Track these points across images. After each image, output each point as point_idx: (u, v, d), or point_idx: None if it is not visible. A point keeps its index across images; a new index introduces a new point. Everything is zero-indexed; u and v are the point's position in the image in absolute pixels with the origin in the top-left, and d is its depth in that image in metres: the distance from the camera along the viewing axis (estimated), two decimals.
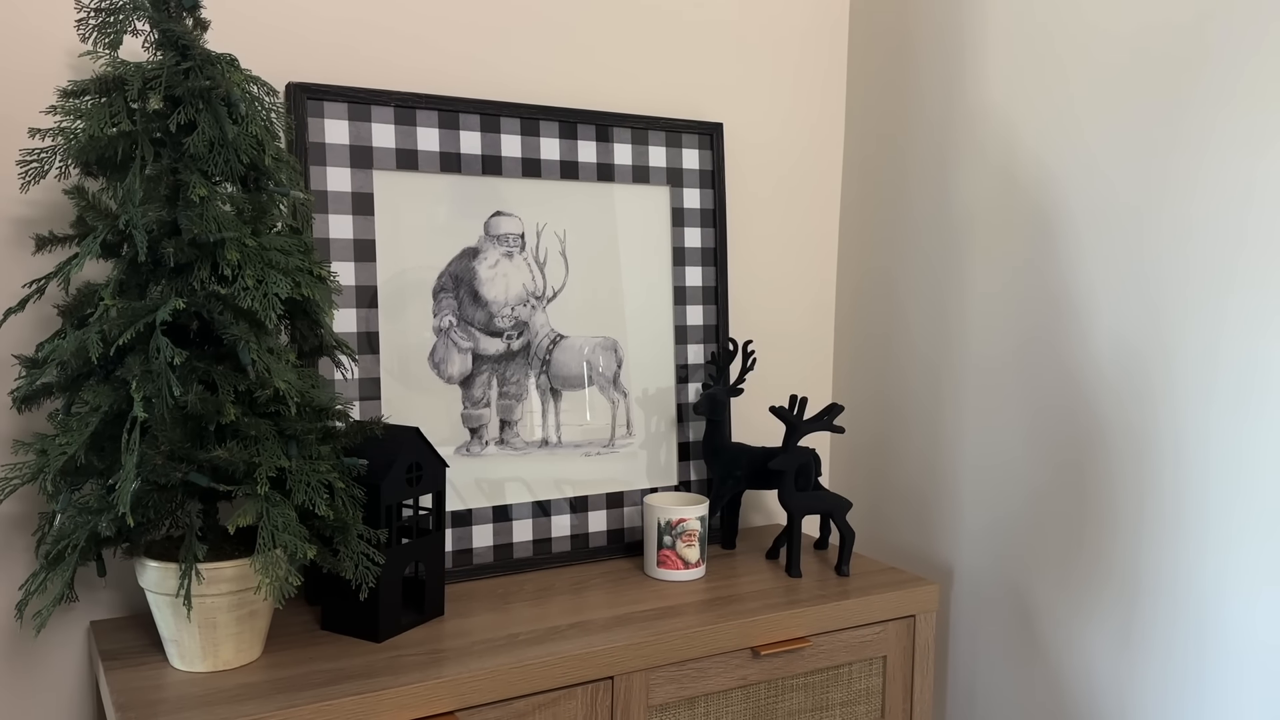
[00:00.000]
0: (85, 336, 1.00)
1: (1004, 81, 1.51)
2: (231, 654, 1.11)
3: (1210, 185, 1.24)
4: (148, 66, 1.04)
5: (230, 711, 1.01)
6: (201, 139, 1.03)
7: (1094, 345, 1.39)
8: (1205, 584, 1.27)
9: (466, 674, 1.11)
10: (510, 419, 1.47)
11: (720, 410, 1.53)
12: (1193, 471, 1.27)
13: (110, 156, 1.05)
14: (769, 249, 1.77)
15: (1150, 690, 1.33)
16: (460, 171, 1.43)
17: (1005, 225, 1.52)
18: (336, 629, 1.21)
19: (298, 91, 1.32)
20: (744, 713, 1.31)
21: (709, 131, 1.63)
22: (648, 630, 1.24)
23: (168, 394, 0.99)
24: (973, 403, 1.58)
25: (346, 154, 1.35)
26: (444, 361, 1.43)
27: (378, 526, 1.17)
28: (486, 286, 1.46)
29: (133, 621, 1.26)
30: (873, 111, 1.75)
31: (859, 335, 1.80)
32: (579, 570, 1.48)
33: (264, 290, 1.02)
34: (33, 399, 1.09)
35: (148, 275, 1.07)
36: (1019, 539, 1.51)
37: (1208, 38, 1.24)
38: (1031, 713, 1.49)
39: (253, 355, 1.02)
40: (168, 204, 1.05)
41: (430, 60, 1.46)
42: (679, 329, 1.61)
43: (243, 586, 1.08)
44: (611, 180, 1.55)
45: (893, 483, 1.73)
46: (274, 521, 1.02)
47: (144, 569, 1.08)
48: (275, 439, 1.05)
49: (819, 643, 1.35)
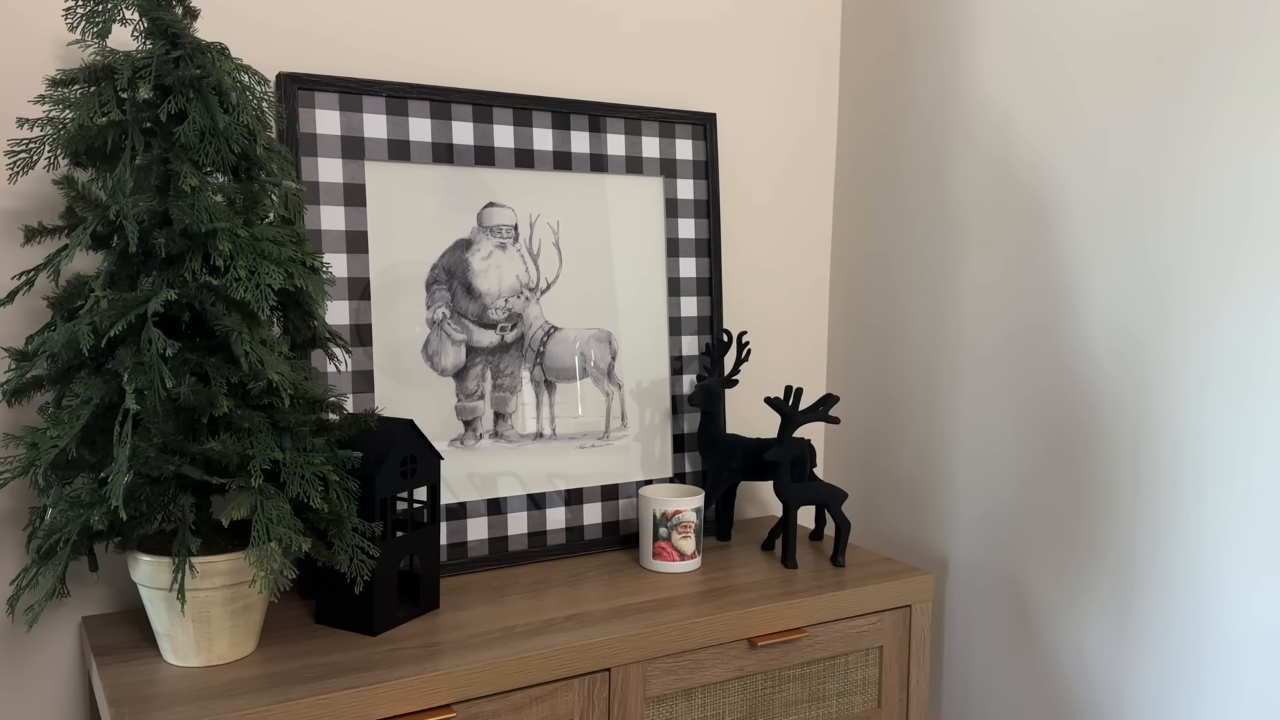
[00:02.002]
0: (76, 328, 0.99)
1: (998, 70, 1.50)
2: (225, 648, 1.10)
3: (1208, 174, 1.24)
4: (137, 55, 1.03)
5: (224, 706, 1.00)
6: (192, 128, 1.02)
7: (1090, 334, 1.39)
8: (1202, 573, 1.27)
9: (463, 667, 1.10)
10: (504, 411, 1.46)
11: (715, 402, 1.52)
12: (1189, 460, 1.27)
13: (100, 146, 1.04)
14: (763, 240, 1.76)
15: (1146, 679, 1.33)
16: (452, 162, 1.42)
17: (1000, 214, 1.51)
18: (331, 623, 1.21)
19: (288, 81, 1.31)
20: (741, 704, 1.30)
21: (702, 122, 1.62)
22: (644, 622, 1.23)
23: (160, 386, 0.98)
24: (967, 393, 1.58)
25: (338, 145, 1.34)
26: (438, 354, 1.42)
27: (372, 519, 1.16)
28: (480, 278, 1.45)
29: (125, 617, 1.25)
30: (866, 102, 1.75)
31: (853, 326, 1.79)
32: (574, 563, 1.47)
33: (257, 281, 1.01)
34: (23, 392, 1.07)
35: (138, 266, 1.05)
36: (1014, 529, 1.51)
37: (1204, 25, 1.24)
38: (1027, 702, 1.50)
39: (245, 347, 1.01)
40: (158, 194, 1.04)
41: (421, 50, 1.44)
42: (673, 320, 1.60)
43: (237, 580, 1.08)
44: (605, 171, 1.54)
45: (887, 473, 1.73)
46: (269, 514, 1.01)
47: (137, 563, 1.07)
48: (269, 431, 1.04)
49: (815, 633, 1.34)
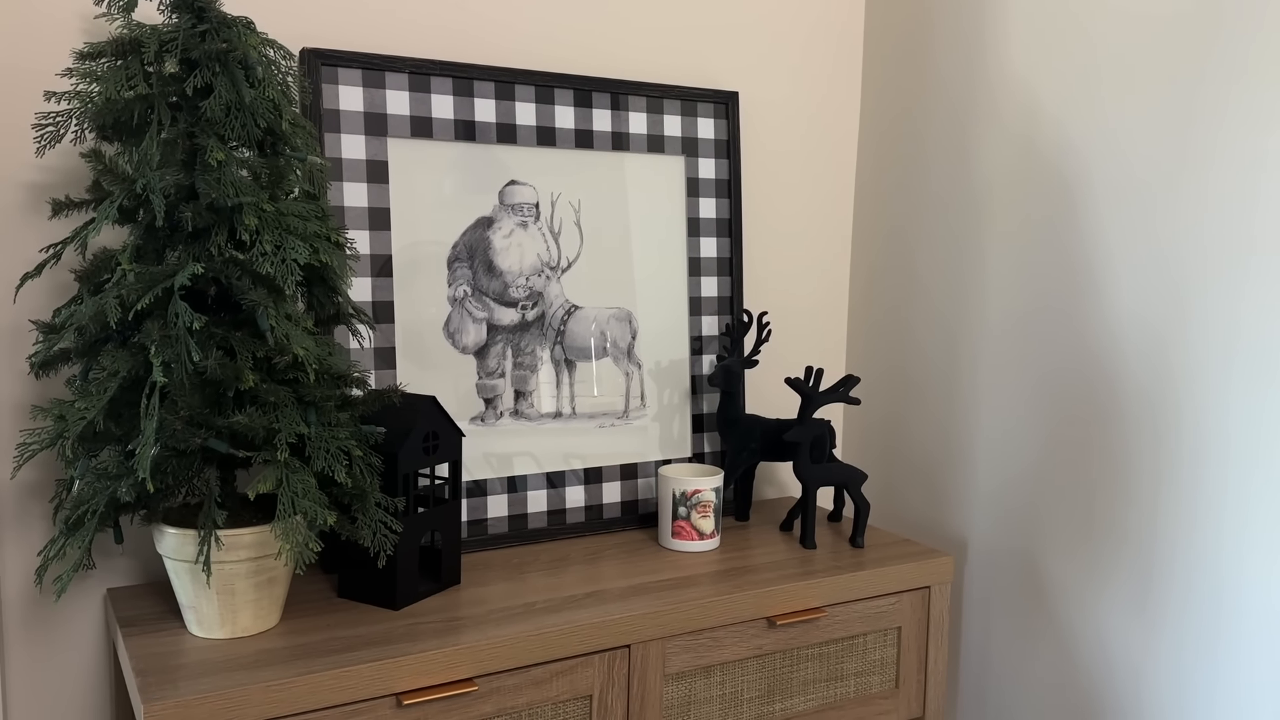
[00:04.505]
0: (103, 301, 0.99)
1: (1026, 48, 1.49)
2: (250, 620, 1.11)
3: (1228, 159, 1.23)
4: (164, 29, 1.03)
5: (249, 677, 1.01)
6: (218, 102, 1.02)
7: (1112, 316, 1.38)
8: (1221, 555, 1.26)
9: (485, 641, 1.11)
10: (525, 390, 1.47)
11: (735, 382, 1.52)
12: (1211, 443, 1.27)
13: (126, 120, 1.04)
14: (784, 220, 1.76)
15: (1165, 661, 1.33)
16: (475, 140, 1.42)
17: (1024, 195, 1.50)
18: (353, 597, 1.21)
19: (312, 57, 1.30)
20: (759, 682, 1.31)
21: (724, 100, 1.61)
22: (664, 600, 1.24)
23: (187, 359, 0.98)
24: (988, 375, 1.57)
25: (361, 121, 1.34)
26: (459, 331, 1.42)
27: (395, 495, 1.16)
28: (501, 256, 1.45)
29: (149, 589, 1.26)
30: (889, 80, 1.74)
31: (874, 307, 1.79)
32: (593, 541, 1.47)
33: (282, 256, 1.02)
34: (50, 364, 1.08)
35: (164, 240, 1.06)
36: (1033, 512, 1.50)
37: (1233, 8, 1.22)
38: (1045, 684, 1.50)
39: (271, 321, 1.02)
40: (184, 168, 1.04)
41: (444, 26, 1.44)
42: (693, 300, 1.60)
43: (261, 553, 1.08)
44: (626, 150, 1.54)
45: (907, 455, 1.73)
46: (294, 488, 1.02)
47: (162, 535, 1.08)
48: (294, 405, 1.04)
49: (834, 613, 1.35)
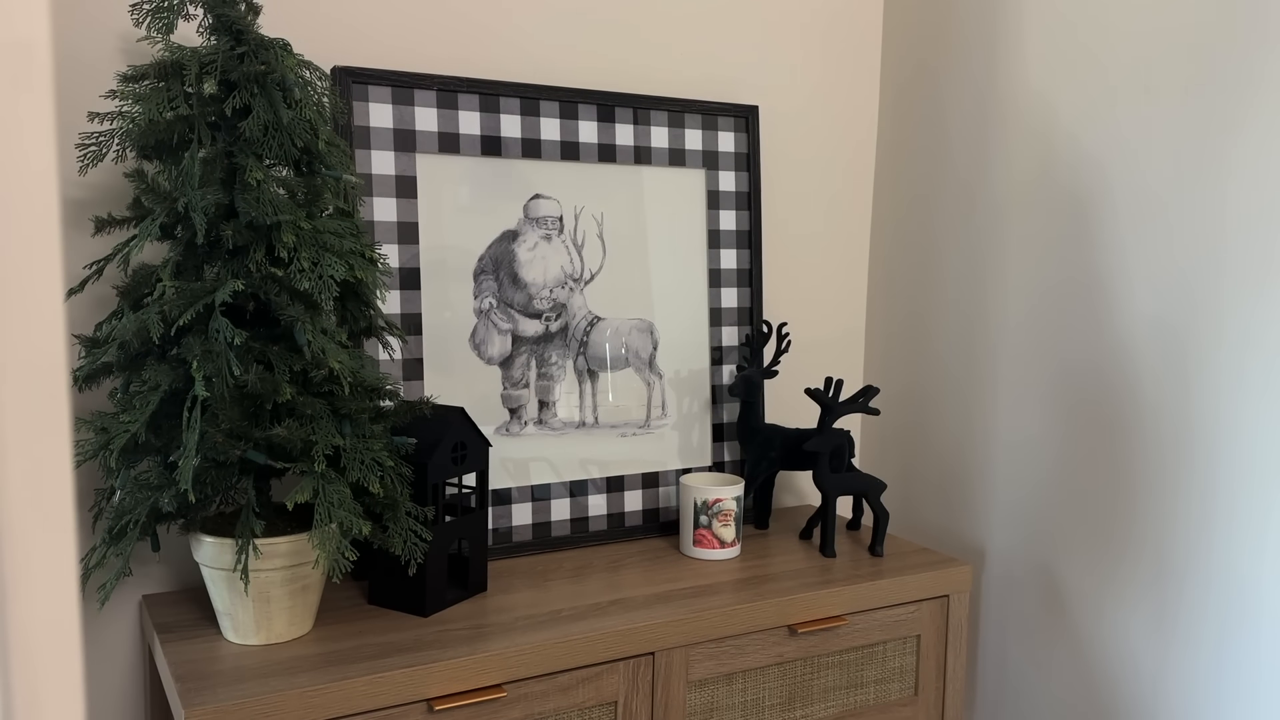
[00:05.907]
0: (146, 317, 1.02)
1: (1043, 60, 1.51)
2: (284, 627, 1.14)
3: (1248, 170, 1.25)
4: (203, 51, 1.06)
5: (285, 683, 1.04)
6: (256, 123, 1.05)
7: (1131, 326, 1.40)
8: (1241, 566, 1.28)
9: (513, 648, 1.13)
10: (548, 400, 1.49)
11: (755, 392, 1.54)
12: (1230, 453, 1.28)
13: (166, 140, 1.07)
14: (803, 232, 1.78)
15: (1184, 672, 1.35)
16: (500, 155, 1.45)
17: (1042, 207, 1.52)
18: (384, 604, 1.24)
19: (343, 75, 1.33)
20: (781, 689, 1.33)
21: (745, 114, 1.64)
22: (686, 607, 1.26)
23: (228, 373, 1.01)
24: (1005, 385, 1.59)
25: (390, 137, 1.37)
26: (484, 343, 1.45)
27: (424, 504, 1.19)
28: (526, 269, 1.47)
29: (183, 595, 1.29)
30: (907, 93, 1.76)
31: (891, 317, 1.81)
32: (615, 549, 1.50)
33: (319, 272, 1.04)
34: (94, 378, 1.11)
35: (203, 257, 1.09)
36: (1052, 521, 1.52)
37: (1248, 20, 1.24)
38: (1062, 692, 1.51)
39: (308, 336, 1.04)
40: (223, 187, 1.07)
41: (471, 44, 1.47)
42: (714, 311, 1.62)
43: (296, 561, 1.11)
44: (648, 163, 1.56)
45: (925, 464, 1.75)
46: (330, 498, 1.05)
47: (200, 544, 1.11)
48: (330, 418, 1.07)
49: (854, 621, 1.37)
